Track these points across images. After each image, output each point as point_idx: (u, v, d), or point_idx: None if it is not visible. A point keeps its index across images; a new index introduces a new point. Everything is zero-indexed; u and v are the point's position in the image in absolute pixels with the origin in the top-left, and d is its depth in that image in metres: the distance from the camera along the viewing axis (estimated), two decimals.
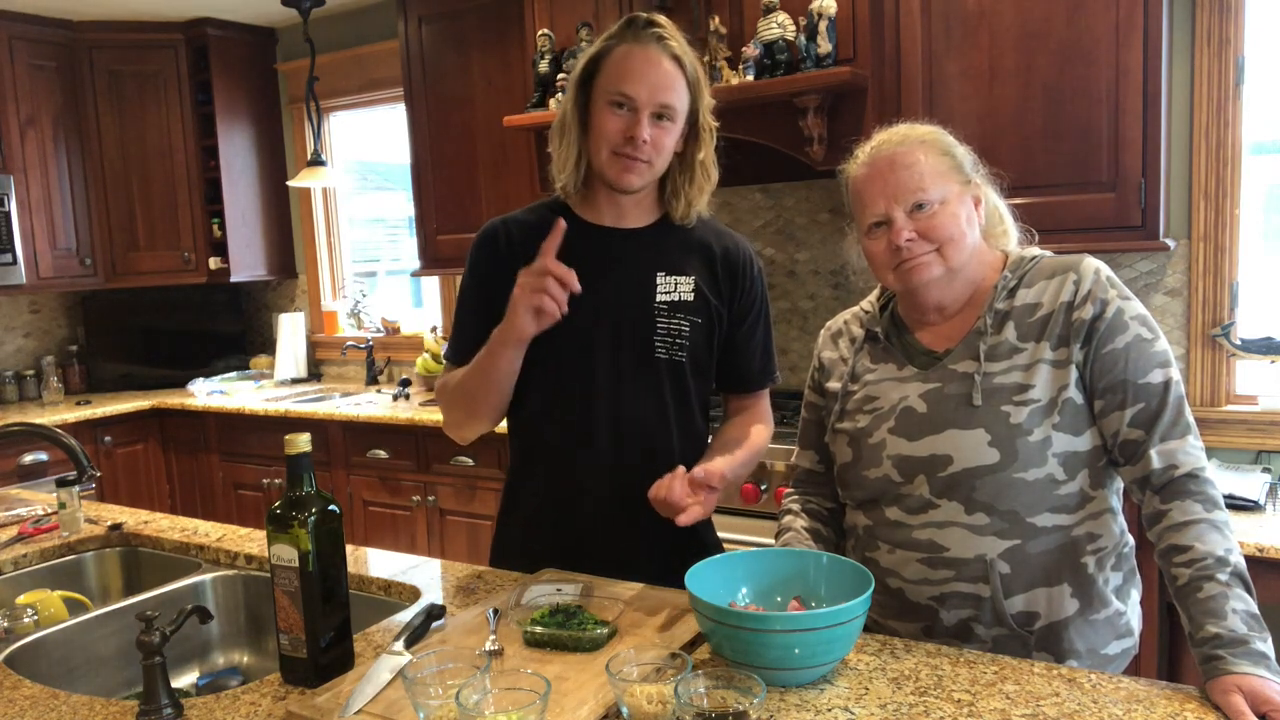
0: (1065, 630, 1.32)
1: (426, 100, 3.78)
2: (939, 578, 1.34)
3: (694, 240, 1.62)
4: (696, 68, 1.53)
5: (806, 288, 3.30)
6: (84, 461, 1.86)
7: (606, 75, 1.50)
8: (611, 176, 1.52)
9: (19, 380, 4.50)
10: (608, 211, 1.59)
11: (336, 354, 4.73)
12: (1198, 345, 2.61)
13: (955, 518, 1.32)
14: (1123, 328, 1.29)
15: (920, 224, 1.34)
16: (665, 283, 1.57)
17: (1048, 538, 1.30)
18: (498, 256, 1.59)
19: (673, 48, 1.50)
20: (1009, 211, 1.48)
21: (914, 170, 1.34)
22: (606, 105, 1.49)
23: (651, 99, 1.47)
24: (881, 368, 1.45)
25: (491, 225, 1.63)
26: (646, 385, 1.57)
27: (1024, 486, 1.29)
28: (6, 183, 4.11)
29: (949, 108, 2.54)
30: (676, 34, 1.52)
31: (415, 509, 3.61)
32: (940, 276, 1.36)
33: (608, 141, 1.49)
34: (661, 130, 1.50)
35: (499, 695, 1.02)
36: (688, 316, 1.57)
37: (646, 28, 1.50)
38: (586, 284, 1.45)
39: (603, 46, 1.52)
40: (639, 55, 1.48)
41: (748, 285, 1.63)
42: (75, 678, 1.56)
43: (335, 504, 1.25)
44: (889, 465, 1.37)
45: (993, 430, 1.30)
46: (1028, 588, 1.31)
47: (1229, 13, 2.48)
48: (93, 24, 4.36)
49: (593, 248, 1.55)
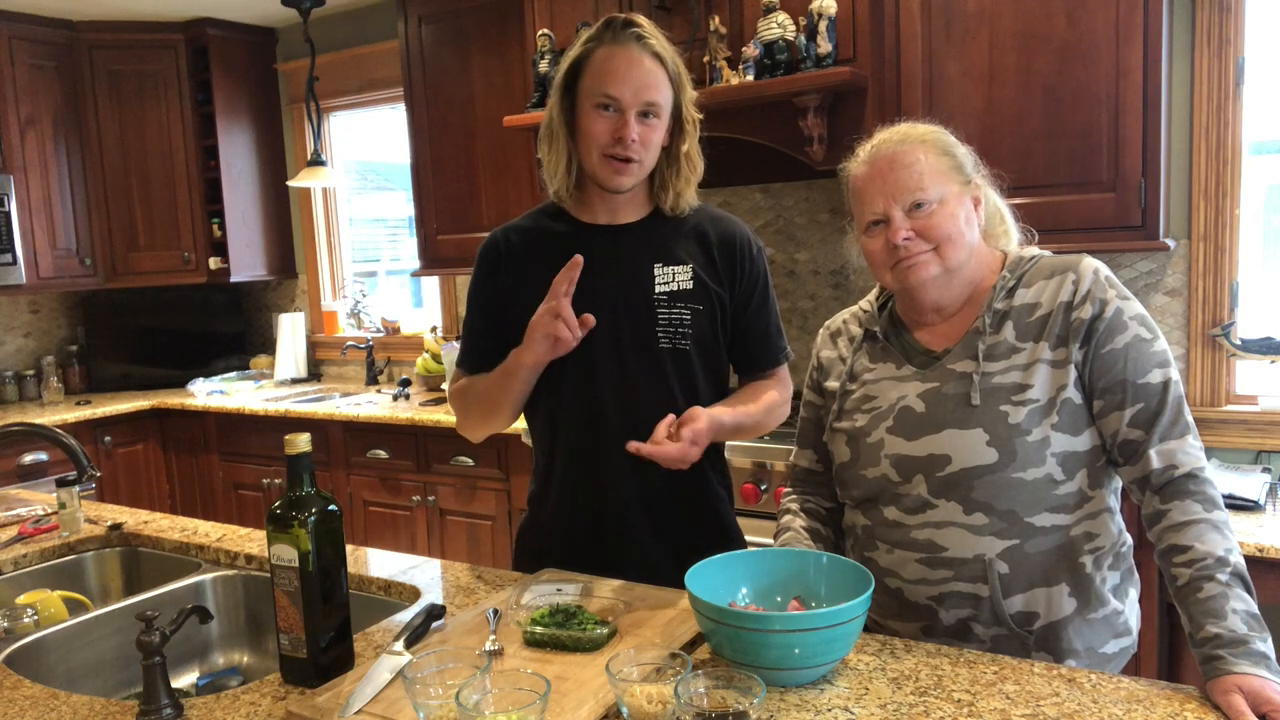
0: (1064, 630, 1.32)
1: (426, 100, 3.78)
2: (938, 577, 1.34)
3: (689, 229, 1.63)
4: (677, 63, 1.55)
5: (806, 288, 3.30)
6: (84, 461, 1.86)
7: (590, 78, 1.52)
8: (603, 178, 1.54)
9: (19, 380, 4.51)
10: (601, 210, 1.62)
11: (336, 354, 4.73)
12: (1198, 345, 2.61)
13: (953, 517, 1.32)
14: (1122, 328, 1.29)
15: (918, 223, 1.34)
16: (663, 274, 1.59)
17: (1046, 537, 1.30)
18: (500, 265, 1.64)
19: (653, 45, 1.51)
20: (1010, 211, 1.48)
21: (913, 169, 1.34)
22: (593, 108, 1.51)
23: (636, 98, 1.49)
24: (880, 367, 1.45)
25: (492, 236, 1.67)
26: (653, 377, 1.58)
27: (1022, 486, 1.29)
28: (6, 183, 4.11)
29: (949, 108, 2.54)
30: (655, 31, 1.54)
31: (415, 509, 3.61)
32: (938, 276, 1.37)
33: (597, 144, 1.51)
34: (648, 128, 1.52)
35: (499, 695, 1.02)
36: (688, 305, 1.59)
37: (625, 28, 1.51)
38: (588, 283, 1.49)
39: (583, 50, 1.54)
40: (621, 56, 1.50)
41: (748, 267, 1.64)
42: (75, 678, 1.56)
43: (335, 504, 1.25)
44: (887, 465, 1.38)
45: (991, 430, 1.30)
46: (1027, 588, 1.31)
47: (1229, 13, 2.48)
48: (93, 24, 4.36)
49: (591, 247, 1.56)
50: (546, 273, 1.52)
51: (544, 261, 1.57)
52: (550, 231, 1.63)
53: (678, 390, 1.59)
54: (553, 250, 1.58)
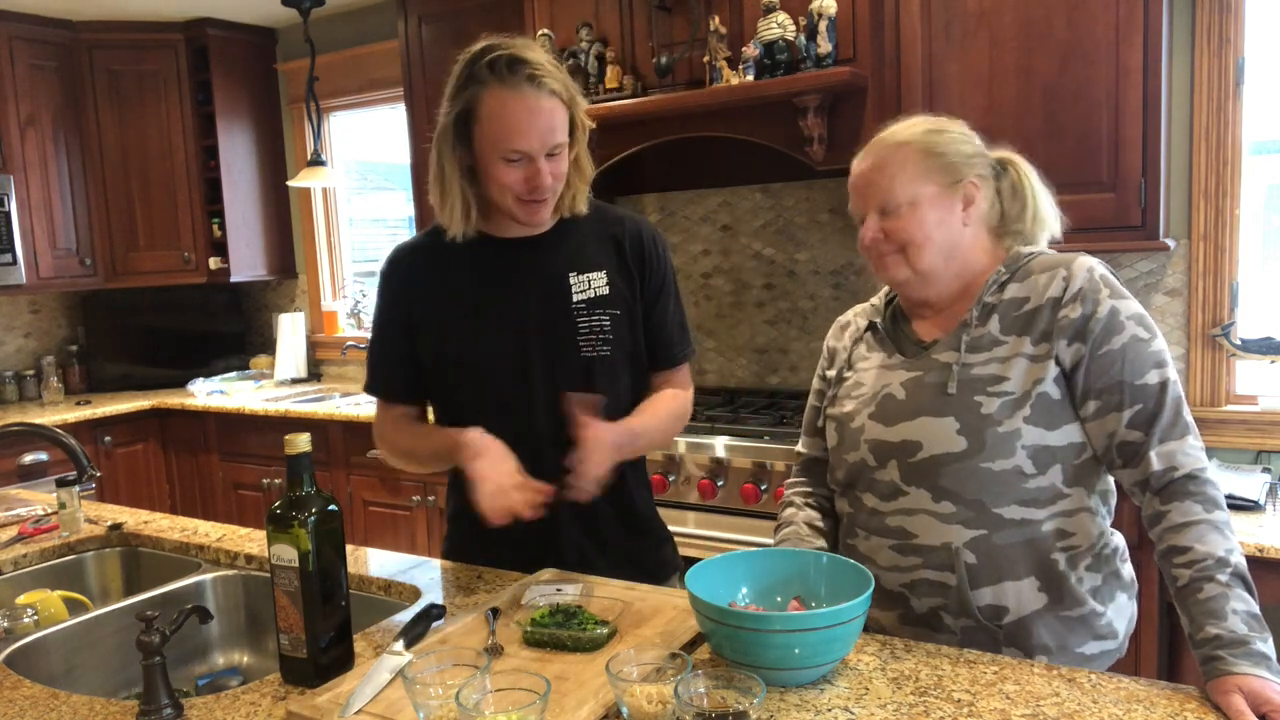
0: (1033, 625, 1.32)
1: (426, 100, 3.77)
2: (908, 564, 1.36)
3: (596, 231, 1.63)
4: (567, 83, 1.49)
5: (806, 288, 3.30)
6: (84, 461, 1.86)
7: (489, 130, 1.45)
8: (523, 219, 1.53)
9: (19, 380, 4.50)
10: (512, 224, 1.58)
11: (336, 354, 4.73)
12: (1198, 345, 2.61)
13: (923, 505, 1.34)
14: (1119, 328, 1.29)
15: (886, 225, 1.38)
16: (579, 282, 1.59)
17: (1015, 530, 1.31)
18: (409, 284, 1.62)
19: (547, 83, 1.45)
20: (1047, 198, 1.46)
21: (885, 173, 1.38)
22: (499, 159, 1.46)
23: (544, 145, 1.46)
24: (875, 356, 1.48)
25: (396, 256, 1.66)
26: (580, 387, 1.57)
27: (990, 476, 1.30)
28: (6, 183, 4.10)
29: (949, 108, 2.53)
30: (542, 58, 1.47)
31: (415, 509, 3.61)
32: (909, 279, 1.40)
33: (511, 192, 1.49)
34: (556, 160, 1.50)
35: (499, 695, 1.02)
36: (606, 310, 1.59)
37: (513, 69, 1.43)
38: (508, 298, 1.54)
39: (470, 95, 1.46)
40: (518, 105, 1.43)
41: (655, 265, 1.65)
42: (75, 678, 1.56)
43: (335, 504, 1.25)
44: (865, 449, 1.40)
45: (962, 419, 1.31)
46: (995, 580, 1.32)
47: (1229, 13, 2.48)
48: (93, 24, 4.36)
49: (505, 261, 1.58)
50: (462, 287, 1.54)
51: (459, 276, 1.58)
52: (459, 246, 1.57)
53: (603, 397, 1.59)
54: (464, 264, 1.58)
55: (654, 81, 2.96)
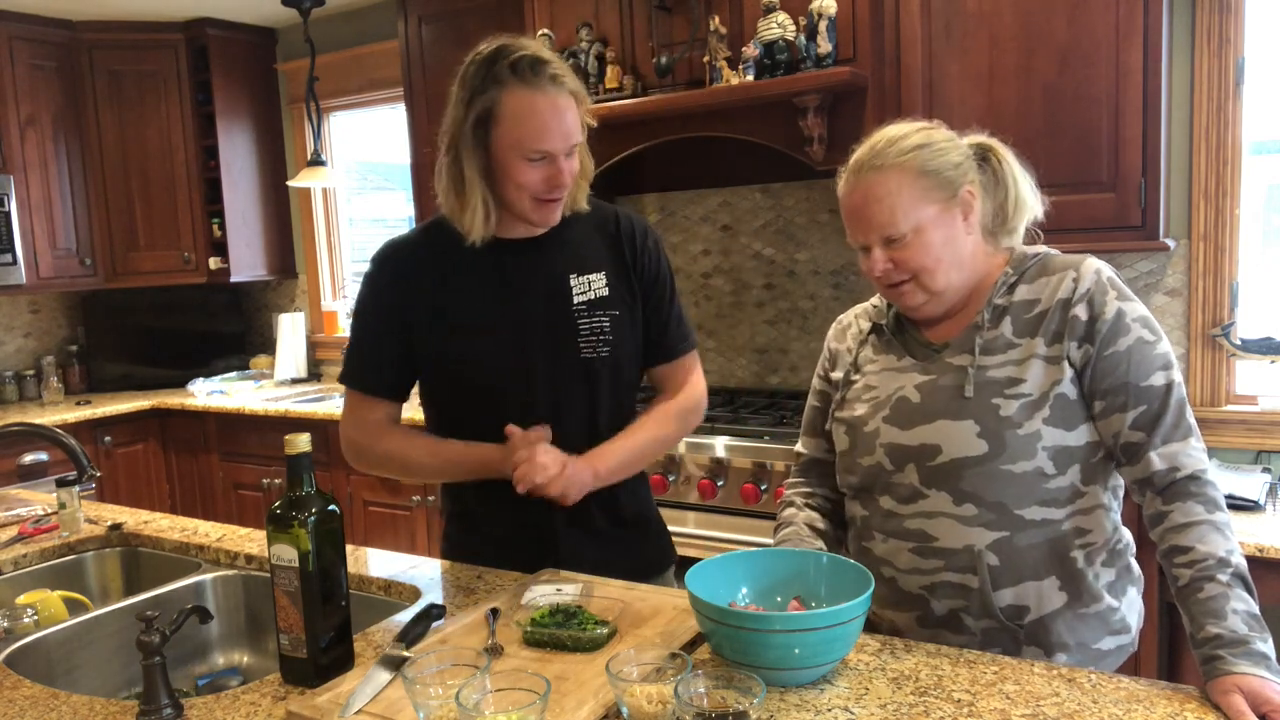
0: (1054, 623, 1.33)
1: (426, 100, 3.77)
2: (929, 567, 1.35)
3: (594, 228, 1.63)
4: (577, 83, 1.51)
5: (806, 288, 3.30)
6: (84, 461, 1.86)
7: (512, 131, 1.45)
8: (537, 219, 1.54)
9: (19, 380, 4.50)
10: (514, 225, 1.58)
11: (336, 354, 4.73)
12: (1198, 345, 2.61)
13: (944, 508, 1.33)
14: (1125, 330, 1.29)
15: (894, 255, 1.36)
16: (579, 283, 1.59)
17: (1036, 531, 1.31)
18: (397, 281, 1.60)
19: (566, 83, 1.47)
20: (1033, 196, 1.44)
21: (884, 204, 1.34)
22: (521, 160, 1.46)
23: (566, 144, 1.47)
24: (882, 359, 1.47)
25: (394, 245, 1.64)
26: (580, 388, 1.59)
27: (1012, 478, 1.29)
28: (6, 183, 4.10)
29: (949, 108, 2.53)
30: (555, 58, 1.49)
31: (415, 509, 3.61)
32: (925, 302, 1.39)
33: (530, 192, 1.49)
34: (573, 159, 1.51)
35: (499, 695, 1.02)
36: (606, 311, 1.59)
37: (535, 70, 1.44)
38: (510, 301, 1.54)
39: (490, 97, 1.45)
40: (544, 105, 1.44)
41: (649, 260, 1.65)
42: (75, 678, 1.56)
43: (335, 504, 1.25)
44: (881, 453, 1.39)
45: (982, 422, 1.31)
46: (1016, 581, 1.32)
47: (1229, 13, 2.48)
48: (93, 24, 4.35)
49: (506, 262, 1.58)
50: (463, 287, 1.54)
51: (459, 276, 1.57)
52: (458, 246, 1.55)
53: (602, 399, 1.60)
54: (464, 264, 1.57)
55: (654, 81, 2.96)
